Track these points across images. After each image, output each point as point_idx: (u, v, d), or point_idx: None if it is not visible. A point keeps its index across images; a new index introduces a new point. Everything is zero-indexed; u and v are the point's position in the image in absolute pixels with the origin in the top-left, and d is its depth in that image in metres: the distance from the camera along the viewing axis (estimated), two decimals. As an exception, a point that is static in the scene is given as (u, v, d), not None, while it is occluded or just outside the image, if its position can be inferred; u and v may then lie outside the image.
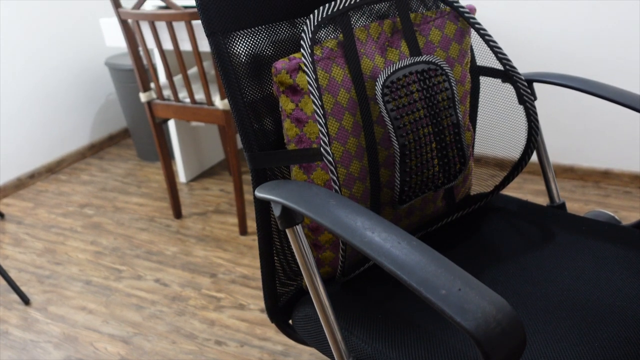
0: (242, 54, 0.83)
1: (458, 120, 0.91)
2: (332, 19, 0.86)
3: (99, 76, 2.85)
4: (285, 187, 0.74)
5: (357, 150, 0.86)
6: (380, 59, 0.89)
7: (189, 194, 2.35)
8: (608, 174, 2.13)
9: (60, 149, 2.69)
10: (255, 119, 0.85)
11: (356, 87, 0.85)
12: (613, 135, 2.08)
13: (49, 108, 2.62)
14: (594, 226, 0.99)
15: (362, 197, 0.89)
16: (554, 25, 2.01)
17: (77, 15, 2.69)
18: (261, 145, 0.86)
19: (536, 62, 2.09)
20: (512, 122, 1.08)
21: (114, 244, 2.03)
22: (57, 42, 2.61)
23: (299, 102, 0.83)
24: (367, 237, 0.59)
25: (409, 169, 0.87)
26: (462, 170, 0.94)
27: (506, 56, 0.96)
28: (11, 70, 2.43)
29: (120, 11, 1.78)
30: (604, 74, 2.00)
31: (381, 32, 0.91)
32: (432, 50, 0.95)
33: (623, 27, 1.91)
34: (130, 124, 2.64)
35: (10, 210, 2.34)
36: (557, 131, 2.17)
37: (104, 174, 2.61)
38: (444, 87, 0.89)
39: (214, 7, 0.80)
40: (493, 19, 2.10)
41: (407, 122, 0.85)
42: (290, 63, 0.82)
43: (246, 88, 0.84)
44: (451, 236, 1.03)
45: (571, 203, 2.05)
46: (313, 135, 0.83)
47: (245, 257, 1.90)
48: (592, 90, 0.97)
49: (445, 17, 0.97)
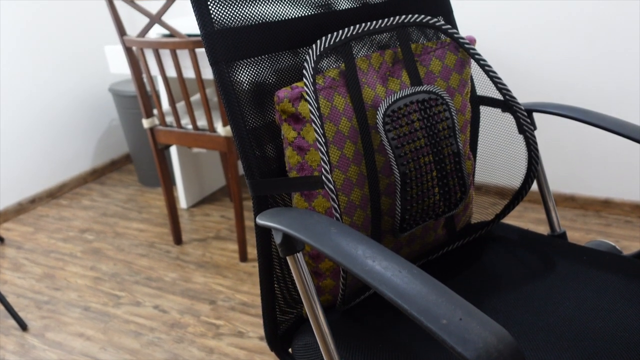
0: (244, 82, 0.84)
1: (458, 149, 0.91)
2: (334, 49, 0.87)
3: (103, 102, 2.87)
4: (286, 215, 0.75)
5: (358, 179, 0.86)
6: (381, 88, 0.91)
7: (190, 220, 2.35)
8: (609, 203, 2.13)
9: (61, 174, 2.70)
10: (257, 146, 0.86)
11: (357, 115, 0.86)
12: (613, 165, 2.08)
13: (52, 133, 2.63)
14: (595, 256, 0.99)
15: (363, 225, 0.89)
16: (553, 55, 2.03)
17: (83, 42, 2.73)
18: (263, 172, 0.86)
19: (536, 92, 2.11)
20: (513, 151, 1.09)
21: (113, 269, 2.02)
22: (63, 68, 2.64)
23: (301, 130, 0.84)
24: (368, 265, 0.59)
25: (410, 197, 0.87)
26: (462, 198, 0.95)
27: (506, 86, 0.97)
28: (16, 95, 2.45)
29: (125, 39, 1.81)
30: (603, 103, 2.02)
31: (382, 62, 0.93)
32: (433, 80, 0.96)
33: (621, 56, 1.94)
34: (132, 149, 2.66)
35: (11, 235, 2.34)
36: (557, 160, 2.18)
37: (105, 199, 2.61)
38: (445, 116, 0.90)
39: (218, 37, 0.81)
40: (493, 50, 2.13)
41: (408, 150, 0.86)
42: (292, 92, 0.83)
43: (248, 115, 0.85)
44: (452, 265, 1.02)
45: (572, 232, 2.04)
46: (314, 163, 0.84)
47: (245, 284, 1.89)
48: (592, 121, 0.98)
49: (446, 48, 0.98)
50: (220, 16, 0.82)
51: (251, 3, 0.85)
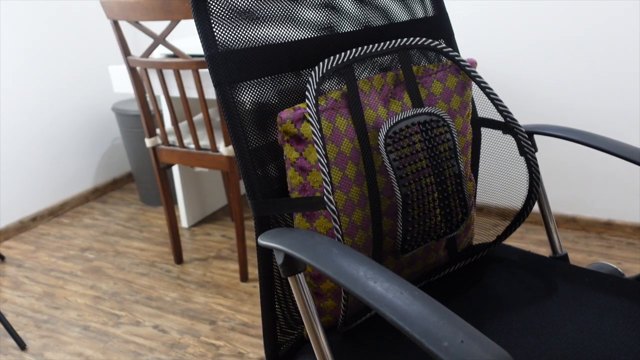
0: (247, 103, 0.85)
1: (460, 171, 0.92)
2: (337, 70, 0.88)
3: (106, 121, 2.89)
4: (288, 235, 0.75)
5: (359, 199, 0.87)
6: (383, 109, 0.91)
7: (191, 239, 2.34)
8: (611, 224, 2.13)
9: (63, 192, 2.71)
10: (259, 165, 0.86)
11: (359, 137, 0.87)
12: (615, 186, 2.08)
13: (55, 151, 2.65)
14: (597, 278, 0.99)
15: (365, 245, 0.89)
16: (554, 77, 2.05)
17: (87, 62, 2.75)
18: (265, 193, 0.86)
19: (536, 113, 2.12)
20: (514, 173, 1.09)
21: (113, 288, 2.02)
22: (67, 87, 2.66)
23: (303, 151, 0.84)
24: (369, 286, 0.59)
25: (412, 218, 0.88)
26: (464, 220, 0.95)
27: (506, 108, 0.97)
28: (19, 113, 2.47)
29: (129, 59, 1.83)
30: (603, 125, 2.03)
31: (384, 84, 0.93)
32: (434, 102, 0.97)
33: (621, 78, 1.95)
34: (135, 168, 2.66)
35: (11, 253, 2.33)
36: (558, 182, 2.18)
37: (106, 218, 2.62)
38: (446, 138, 0.90)
39: (222, 59, 0.82)
40: (494, 72, 2.14)
41: (410, 172, 0.86)
42: (295, 113, 0.83)
43: (251, 135, 0.86)
44: (453, 286, 1.02)
45: (574, 254, 2.04)
46: (316, 183, 0.84)
47: (245, 304, 1.88)
48: (592, 143, 0.98)
49: (447, 70, 0.99)
50: (224, 38, 0.83)
51: (255, 25, 0.86)
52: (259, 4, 0.87)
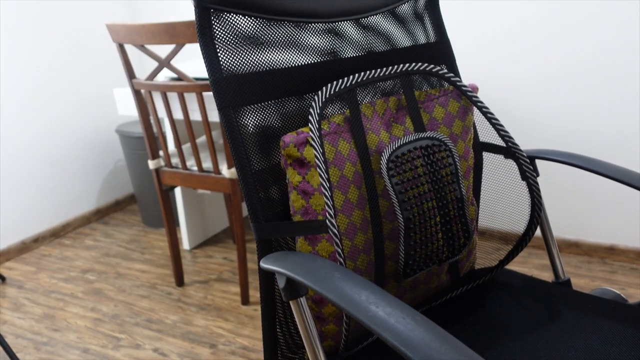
0: (251, 126, 0.86)
1: (462, 195, 0.92)
2: (339, 95, 0.89)
3: (109, 143, 2.91)
4: (290, 259, 0.75)
5: (362, 223, 0.87)
6: (385, 134, 0.92)
7: (192, 262, 2.34)
8: (613, 249, 2.12)
9: (66, 213, 2.71)
10: (262, 188, 0.87)
11: (362, 161, 0.87)
12: (617, 211, 2.08)
13: (58, 173, 2.66)
14: (600, 304, 0.98)
15: (367, 269, 0.89)
16: (554, 102, 2.06)
17: (93, 84, 2.78)
18: (267, 216, 0.87)
19: (538, 138, 2.13)
20: (516, 197, 1.09)
21: (114, 310, 2.01)
22: (72, 109, 2.68)
23: (306, 175, 0.85)
24: (372, 311, 0.59)
25: (414, 242, 0.88)
26: (466, 244, 0.95)
27: (508, 133, 0.98)
28: (24, 134, 2.48)
29: (134, 82, 1.85)
30: (604, 149, 2.03)
31: (386, 109, 0.94)
32: (436, 126, 0.97)
33: (622, 102, 1.96)
34: (137, 190, 2.67)
35: (12, 274, 2.33)
36: (561, 206, 2.18)
37: (108, 239, 2.61)
38: (448, 162, 0.91)
39: (226, 83, 0.83)
40: (495, 97, 2.16)
41: (412, 196, 0.87)
42: (298, 137, 0.84)
43: (254, 158, 0.86)
44: (455, 311, 1.02)
45: (577, 279, 2.02)
46: (319, 207, 0.85)
47: (246, 327, 1.87)
48: (593, 168, 0.99)
49: (449, 95, 1.00)
50: (228, 63, 0.84)
51: (259, 50, 0.87)
52: (264, 29, 0.88)
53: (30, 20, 2.47)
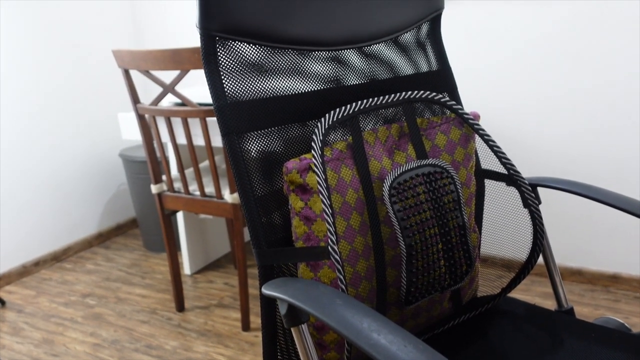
0: (254, 151, 0.86)
1: (464, 222, 0.92)
2: (342, 122, 0.89)
3: (112, 167, 2.92)
4: (292, 285, 0.75)
5: (364, 250, 0.87)
6: (387, 161, 0.92)
7: (193, 287, 2.33)
8: (617, 278, 2.11)
9: (67, 237, 2.71)
10: (264, 213, 0.87)
11: (364, 187, 0.88)
12: (620, 239, 2.07)
13: (60, 196, 2.66)
14: (603, 333, 0.97)
15: (369, 296, 0.88)
16: (556, 129, 2.07)
17: (98, 109, 2.80)
18: (269, 241, 0.87)
19: (539, 165, 2.14)
20: (518, 224, 1.09)
21: (113, 336, 1.99)
22: (76, 133, 2.70)
23: (308, 201, 0.85)
24: (373, 339, 0.59)
25: (416, 270, 0.87)
26: (468, 272, 0.95)
27: (510, 161, 0.99)
28: (27, 157, 2.50)
29: (138, 107, 1.86)
30: (605, 175, 2.03)
31: (389, 136, 0.95)
32: (438, 153, 0.98)
33: (622, 130, 1.97)
34: (139, 214, 2.67)
35: (12, 298, 2.32)
36: (563, 234, 2.17)
37: (109, 264, 2.61)
38: (450, 189, 0.91)
39: (231, 110, 0.84)
40: (497, 124, 2.17)
41: (414, 222, 0.87)
42: (300, 163, 0.84)
43: (257, 184, 0.87)
44: (458, 339, 1.01)
45: (580, 307, 2.01)
46: (321, 233, 0.85)
47: (247, 354, 1.85)
48: (595, 196, 0.99)
49: (451, 123, 1.01)
50: (233, 90, 0.85)
51: (263, 78, 0.89)
52: (268, 57, 0.89)
53: (36, 43, 2.50)
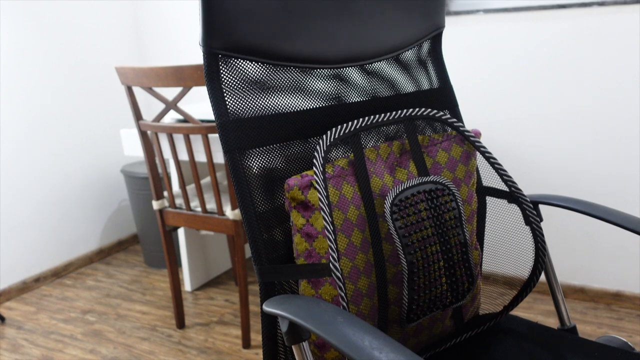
0: (255, 168, 0.87)
1: (465, 239, 0.92)
2: (344, 139, 0.90)
3: (114, 183, 2.92)
4: (293, 302, 0.74)
5: (365, 267, 0.87)
6: (389, 178, 0.93)
7: (194, 303, 2.32)
8: (620, 296, 2.10)
9: (68, 253, 2.71)
10: (266, 230, 0.87)
11: (365, 204, 0.88)
12: (623, 257, 2.07)
13: (62, 212, 2.66)
14: (606, 353, 0.97)
15: (370, 314, 0.88)
16: (557, 147, 2.08)
17: (100, 125, 2.81)
18: (271, 258, 0.87)
19: (541, 182, 2.14)
20: (520, 242, 1.09)
21: (113, 353, 1.98)
22: (79, 149, 2.71)
23: (310, 218, 0.85)
24: (375, 357, 0.59)
25: (417, 287, 0.87)
26: (470, 289, 0.94)
27: (511, 178, 0.99)
28: (29, 173, 2.50)
29: (141, 123, 1.87)
30: (606, 193, 2.03)
31: (390, 153, 0.95)
32: (439, 171, 0.98)
33: (624, 147, 1.97)
34: (140, 230, 2.67)
35: (12, 314, 2.31)
36: (566, 251, 2.16)
37: (109, 280, 2.60)
38: (451, 206, 0.91)
39: (233, 127, 0.85)
40: (498, 141, 2.17)
41: (415, 239, 0.87)
42: (302, 180, 0.85)
43: (258, 200, 0.87)
44: (460, 357, 1.00)
45: (583, 325, 2.00)
46: (322, 250, 0.85)
47: (247, 372, 1.84)
48: (597, 214, 0.99)
49: (452, 140, 1.01)
50: (235, 107, 0.86)
51: (265, 95, 0.89)
52: (271, 75, 0.90)
53: (40, 59, 2.52)
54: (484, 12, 2.07)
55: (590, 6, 1.92)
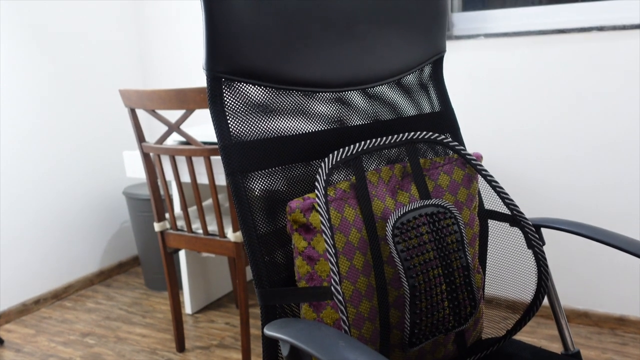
0: (257, 190, 0.87)
1: (467, 263, 0.92)
2: (346, 162, 0.90)
3: (116, 204, 2.92)
4: (294, 326, 0.74)
5: (367, 290, 0.86)
6: (391, 200, 0.93)
7: (194, 326, 2.30)
8: (624, 320, 2.08)
9: (68, 275, 2.69)
10: (267, 252, 0.87)
11: (367, 227, 0.88)
12: (627, 281, 2.05)
13: (62, 233, 2.66)
14: (611, 378, 0.95)
15: (372, 338, 0.87)
16: (559, 170, 2.08)
17: (103, 147, 2.83)
18: (272, 281, 0.86)
19: (542, 205, 2.13)
20: (522, 265, 1.08)
21: (112, 376, 1.96)
22: (81, 170, 2.72)
23: (311, 241, 0.85)
24: (377, 382, 0.58)
25: (419, 311, 0.87)
26: (472, 313, 0.94)
27: (513, 201, 0.99)
28: (30, 194, 2.51)
29: (143, 145, 1.88)
30: (609, 217, 2.03)
31: (392, 176, 0.96)
32: (441, 194, 0.98)
33: (626, 171, 1.97)
34: (141, 252, 2.66)
35: (11, 337, 2.29)
36: (569, 276, 2.15)
37: (109, 302, 2.58)
38: (453, 229, 0.91)
39: (235, 150, 0.85)
40: (499, 164, 2.18)
41: (417, 263, 0.86)
42: (304, 203, 0.85)
43: (260, 222, 0.87)
44: (463, 383, 0.99)
45: (588, 350, 1.97)
46: (324, 273, 0.84)
47: (247, 396, 1.81)
48: (600, 238, 0.98)
49: (454, 164, 1.02)
50: (238, 130, 0.86)
51: (268, 118, 0.90)
52: (273, 98, 0.91)
53: (43, 80, 2.54)
54: (485, 36, 2.09)
55: (590, 31, 1.94)
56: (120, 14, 2.88)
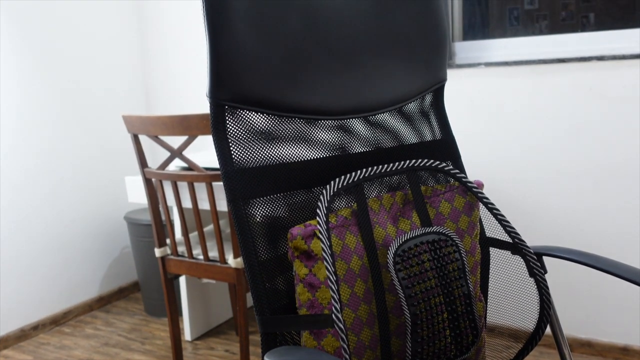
0: (259, 216, 0.87)
1: (469, 291, 0.91)
2: (347, 189, 0.90)
3: (117, 229, 2.92)
4: (295, 355, 0.73)
5: (368, 318, 0.86)
6: (392, 228, 0.93)
7: (193, 354, 2.28)
8: (628, 350, 2.05)
9: (67, 300, 2.68)
10: (268, 278, 0.87)
11: (368, 254, 0.88)
12: (630, 310, 2.04)
13: (63, 258, 2.65)
14: (616, 409, 0.94)
15: (373, 367, 0.86)
16: (560, 198, 2.08)
17: (105, 172, 2.84)
18: (273, 308, 0.86)
19: (544, 234, 2.13)
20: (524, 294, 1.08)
21: (109, 404, 1.93)
22: (83, 196, 2.72)
23: (313, 268, 0.85)
24: (378, 412, 0.57)
25: (421, 339, 0.86)
26: (474, 342, 0.93)
27: (514, 229, 0.99)
28: (31, 219, 2.51)
29: (145, 171, 1.89)
30: (611, 246, 2.02)
31: (393, 203, 0.96)
32: (442, 221, 0.98)
33: (627, 198, 1.97)
34: (141, 278, 2.65)
35: (8, 363, 2.27)
36: (571, 304, 2.13)
37: (109, 328, 2.56)
38: (455, 257, 0.91)
39: (238, 177, 0.86)
40: (501, 192, 2.18)
41: (419, 291, 0.86)
42: (305, 230, 0.85)
43: (261, 248, 0.87)
44: (465, 414, 0.97)
45: (591, 381, 1.95)
46: (325, 300, 0.84)
47: None
48: (602, 267, 0.98)
49: (455, 191, 1.02)
50: (240, 157, 0.87)
51: (270, 145, 0.90)
52: (276, 125, 0.91)
53: (46, 105, 2.56)
54: (486, 65, 2.12)
55: (589, 60, 1.96)
56: (126, 39, 2.91)
